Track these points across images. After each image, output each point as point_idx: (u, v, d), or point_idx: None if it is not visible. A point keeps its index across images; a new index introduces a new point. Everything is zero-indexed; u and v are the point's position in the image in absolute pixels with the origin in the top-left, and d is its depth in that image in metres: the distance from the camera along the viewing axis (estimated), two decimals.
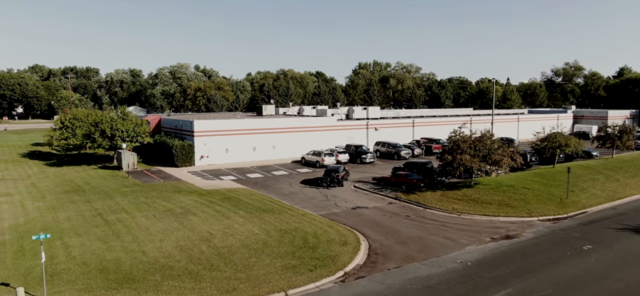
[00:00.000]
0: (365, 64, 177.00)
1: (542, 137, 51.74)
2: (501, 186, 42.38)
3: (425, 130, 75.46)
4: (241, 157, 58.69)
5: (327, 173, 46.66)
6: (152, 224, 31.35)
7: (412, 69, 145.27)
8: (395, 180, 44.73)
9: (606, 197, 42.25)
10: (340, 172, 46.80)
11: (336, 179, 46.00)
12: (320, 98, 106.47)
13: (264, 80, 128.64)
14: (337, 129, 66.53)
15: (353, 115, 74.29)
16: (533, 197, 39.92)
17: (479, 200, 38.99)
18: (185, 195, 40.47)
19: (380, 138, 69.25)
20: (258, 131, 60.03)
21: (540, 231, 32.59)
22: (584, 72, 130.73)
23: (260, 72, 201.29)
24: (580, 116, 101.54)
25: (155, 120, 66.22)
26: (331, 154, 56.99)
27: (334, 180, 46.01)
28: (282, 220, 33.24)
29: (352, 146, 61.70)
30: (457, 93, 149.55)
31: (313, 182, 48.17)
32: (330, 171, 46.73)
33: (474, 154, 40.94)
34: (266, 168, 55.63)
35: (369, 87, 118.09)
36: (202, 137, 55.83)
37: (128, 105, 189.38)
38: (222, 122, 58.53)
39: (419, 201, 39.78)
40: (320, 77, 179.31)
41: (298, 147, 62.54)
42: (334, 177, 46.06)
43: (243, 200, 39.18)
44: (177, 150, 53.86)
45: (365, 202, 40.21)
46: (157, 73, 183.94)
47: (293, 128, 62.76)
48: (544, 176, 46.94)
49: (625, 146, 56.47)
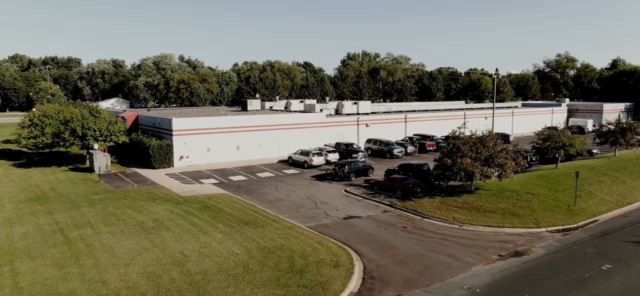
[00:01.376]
0: (354, 55, 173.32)
1: (544, 136, 48.77)
2: (504, 191, 39.32)
3: (418, 126, 72.31)
4: (224, 157, 55.00)
5: (339, 166, 47.51)
6: (118, 243, 27.67)
7: (403, 60, 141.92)
8: (389, 185, 41.45)
9: (615, 202, 39.43)
10: (351, 166, 47.43)
11: (342, 173, 46.76)
12: (308, 91, 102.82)
13: (250, 72, 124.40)
14: (326, 126, 63.06)
15: (343, 110, 70.86)
16: (539, 204, 36.91)
17: (482, 208, 35.86)
18: (160, 203, 36.77)
19: (371, 135, 65.93)
20: (242, 129, 56.32)
21: (552, 246, 29.53)
22: (576, 64, 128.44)
23: (247, 62, 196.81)
24: (574, 109, 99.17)
25: (132, 117, 62.12)
26: (320, 154, 53.56)
27: (340, 174, 46.85)
28: (266, 235, 29.77)
29: (343, 144, 58.30)
30: (448, 85, 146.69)
31: (324, 177, 48.55)
32: (342, 165, 47.52)
33: (475, 157, 37.76)
34: (250, 170, 52.03)
35: (359, 79, 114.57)
36: (181, 136, 52.00)
37: (110, 96, 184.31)
38: (204, 119, 54.71)
39: (416, 209, 36.55)
40: (308, 68, 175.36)
41: (285, 145, 58.99)
42: (341, 172, 46.79)
43: (224, 209, 35.60)
44: (154, 150, 49.99)
45: (358, 210, 36.89)
46: (140, 63, 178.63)
47: (279, 126, 59.15)
48: (548, 179, 43.98)
49: (628, 144, 53.77)
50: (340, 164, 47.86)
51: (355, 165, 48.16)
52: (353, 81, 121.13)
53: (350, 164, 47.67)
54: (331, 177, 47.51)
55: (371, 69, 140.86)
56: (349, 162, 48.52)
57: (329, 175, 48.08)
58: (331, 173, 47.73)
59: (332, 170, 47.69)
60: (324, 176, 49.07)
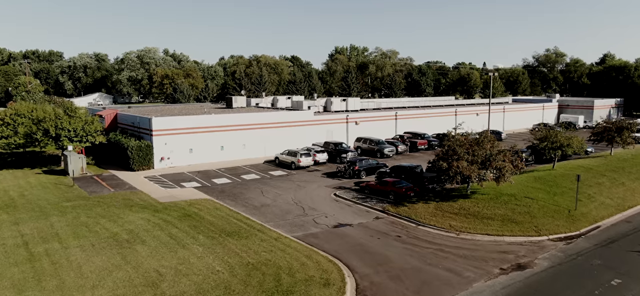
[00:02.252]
0: (342, 49, 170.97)
1: (540, 136, 47.04)
2: (502, 195, 37.45)
3: (408, 123, 70.37)
4: (207, 158, 52.49)
5: (350, 164, 47.13)
6: (87, 259, 25.21)
7: (391, 54, 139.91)
8: (381, 188, 39.37)
9: (616, 206, 37.80)
10: (357, 164, 46.78)
11: (351, 171, 46.31)
12: (296, 87, 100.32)
13: (235, 67, 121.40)
14: (314, 124, 60.81)
15: (331, 107, 68.63)
16: (538, 209, 35.11)
17: (479, 215, 33.95)
18: (137, 211, 34.27)
19: (361, 134, 63.81)
20: (226, 128, 53.83)
21: (555, 258, 27.68)
22: (565, 59, 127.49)
23: (234, 56, 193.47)
24: (565, 105, 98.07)
25: (111, 116, 59.24)
26: (308, 154, 51.32)
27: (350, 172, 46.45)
28: (250, 248, 27.51)
29: (331, 144, 56.11)
30: (437, 79, 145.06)
31: (333, 174, 48.17)
32: (353, 162, 47.12)
33: (471, 160, 35.81)
34: (235, 171, 49.61)
35: (347, 74, 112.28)
36: (162, 136, 49.38)
37: (93, 91, 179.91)
38: (186, 118, 52.10)
39: (410, 215, 34.52)
40: (295, 62, 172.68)
41: (271, 145, 56.64)
42: (351, 170, 46.37)
43: (205, 217, 33.23)
44: (132, 151, 47.33)
45: (349, 217, 34.76)
46: (123, 57, 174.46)
47: (266, 124, 56.76)
48: (545, 181, 42.27)
49: (625, 143, 52.31)
50: (350, 161, 47.71)
51: (366, 163, 47.61)
52: (341, 76, 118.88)
53: (360, 162, 47.32)
54: (342, 175, 47.26)
55: (360, 64, 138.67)
56: (360, 159, 48.37)
57: (340, 172, 47.79)
58: (342, 171, 47.45)
59: (343, 167, 47.48)
60: (334, 174, 48.82)
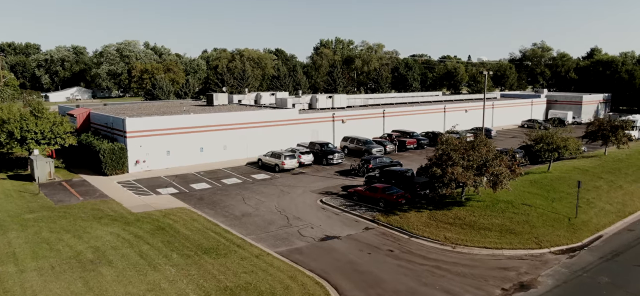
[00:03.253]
0: (327, 42, 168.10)
1: (536, 137, 45.06)
2: (498, 202, 35.37)
3: (396, 121, 68.14)
4: (186, 160, 49.61)
5: (364, 162, 46.42)
6: (44, 286, 22.41)
7: (377, 48, 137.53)
8: (370, 195, 37.00)
9: (616, 212, 35.99)
10: (372, 162, 45.94)
11: (366, 169, 45.40)
12: (280, 82, 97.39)
13: (217, 61, 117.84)
14: (299, 123, 58.21)
15: (317, 105, 66.06)
16: (537, 218, 33.10)
17: (475, 225, 31.79)
18: (106, 224, 31.42)
19: (348, 133, 61.39)
20: (206, 128, 50.95)
21: (559, 274, 25.64)
22: (552, 53, 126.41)
23: (217, 49, 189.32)
24: (553, 100, 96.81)
25: (83, 115, 55.89)
26: (293, 156, 48.75)
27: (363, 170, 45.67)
28: (229, 268, 24.95)
29: (317, 144, 53.58)
30: (423, 73, 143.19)
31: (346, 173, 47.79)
32: (367, 160, 46.50)
33: (466, 166, 33.60)
34: (215, 175, 46.84)
35: (333, 68, 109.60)
36: (136, 138, 46.35)
37: (71, 86, 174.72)
38: (163, 119, 49.08)
39: (402, 225, 32.24)
40: (280, 55, 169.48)
41: (254, 145, 53.94)
42: (365, 168, 45.59)
43: (180, 231, 30.54)
44: (105, 155, 44.26)
45: (336, 228, 32.34)
46: (102, 51, 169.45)
47: (248, 124, 53.99)
48: (542, 185, 40.36)
49: (620, 142, 50.69)
50: (364, 160, 46.98)
51: (380, 161, 46.61)
52: (327, 71, 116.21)
53: (374, 160, 46.57)
54: (356, 173, 46.51)
55: (345, 58, 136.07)
56: (374, 157, 47.74)
57: (354, 170, 47.11)
58: (355, 169, 46.79)
59: (358, 165, 46.77)
60: (347, 172, 48.33)
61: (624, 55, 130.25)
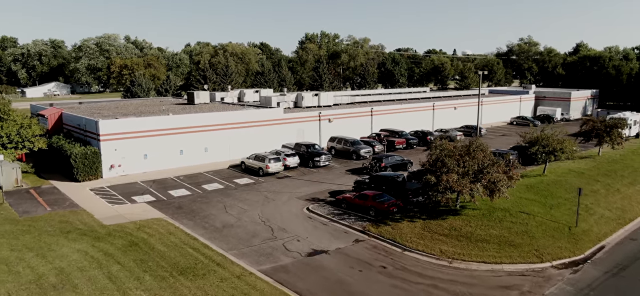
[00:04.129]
0: (312, 35, 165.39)
1: (531, 139, 43.30)
2: (495, 211, 33.56)
3: (385, 119, 66.15)
4: (164, 164, 46.98)
5: (377, 160, 46.45)
6: None
7: (363, 42, 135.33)
8: (360, 203, 34.87)
9: (616, 219, 34.45)
10: (384, 161, 46.15)
11: (378, 168, 45.52)
12: (265, 78, 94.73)
13: (199, 57, 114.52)
14: (284, 122, 55.86)
15: (302, 103, 63.71)
16: (536, 227, 31.35)
17: (472, 236, 29.90)
18: (74, 240, 28.83)
19: (335, 132, 59.21)
20: (186, 130, 48.35)
21: (565, 293, 23.88)
22: (539, 48, 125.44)
23: (200, 42, 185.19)
24: (542, 97, 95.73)
25: (55, 116, 52.80)
26: (278, 159, 46.43)
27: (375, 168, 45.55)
28: (207, 292, 22.69)
29: (303, 145, 51.29)
30: (410, 68, 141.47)
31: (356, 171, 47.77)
32: (379, 158, 46.58)
33: (462, 173, 31.65)
34: (196, 180, 44.33)
35: (319, 64, 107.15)
36: (111, 142, 43.60)
37: (49, 81, 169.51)
38: (139, 120, 46.31)
39: (395, 237, 30.21)
40: (265, 49, 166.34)
41: (237, 147, 51.49)
42: (378, 167, 45.61)
43: (155, 247, 28.11)
44: (77, 159, 41.46)
45: (324, 241, 30.20)
46: (81, 45, 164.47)
47: (231, 125, 51.48)
48: (538, 191, 38.70)
49: (615, 143, 49.32)
50: (377, 158, 47.09)
51: (392, 159, 46.69)
52: (313, 66, 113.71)
53: (386, 159, 46.60)
54: (368, 171, 46.04)
55: (331, 53, 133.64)
56: (386, 155, 47.95)
57: (366, 169, 47.08)
58: (368, 168, 46.64)
59: (370, 164, 46.74)
60: (360, 170, 47.99)
61: (608, 50, 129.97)
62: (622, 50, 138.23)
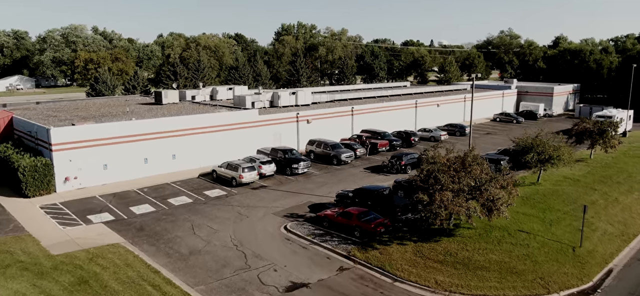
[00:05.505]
0: (289, 26, 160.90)
1: (525, 144, 40.40)
2: (491, 230, 30.56)
3: (366, 119, 62.80)
4: (127, 174, 42.70)
5: (396, 158, 46.94)
6: None
7: (341, 34, 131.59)
8: (344, 222, 31.42)
9: (620, 235, 31.91)
10: (404, 158, 46.60)
11: (399, 166, 46.33)
12: (239, 73, 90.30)
13: (170, 50, 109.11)
14: (259, 125, 51.98)
15: (279, 102, 59.84)
16: (538, 249, 28.45)
17: (470, 263, 26.77)
18: (13, 277, 24.66)
19: (313, 135, 55.63)
20: (152, 136, 44.10)
21: None
22: (520, 41, 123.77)
23: (173, 33, 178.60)
24: (524, 92, 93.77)
25: (4, 121, 47.75)
26: (252, 167, 42.62)
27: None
28: None
29: (280, 151, 47.53)
30: (389, 60, 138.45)
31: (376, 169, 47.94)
32: (399, 157, 47.06)
33: (457, 189, 28.47)
34: (161, 193, 40.23)
35: (296, 58, 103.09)
36: (65, 151, 39.12)
37: (11, 74, 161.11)
38: (98, 127, 41.77)
39: (384, 265, 26.89)
40: (240, 40, 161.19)
41: (208, 153, 47.49)
42: (398, 165, 46.38)
43: (109, 285, 24.17)
44: (25, 173, 36.91)
45: (304, 269, 26.69)
46: (45, 36, 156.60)
47: (201, 129, 47.36)
48: (535, 203, 35.95)
49: (609, 146, 47.00)
50: (397, 156, 47.43)
51: (411, 157, 46.97)
52: (289, 60, 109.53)
53: (406, 156, 47.15)
54: (388, 170, 46.81)
55: (309, 45, 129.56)
56: (405, 154, 48.18)
57: (385, 167, 47.59)
58: (388, 166, 47.23)
59: (389, 162, 47.30)
60: (380, 168, 48.39)
61: (585, 42, 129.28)
62: (599, 43, 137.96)
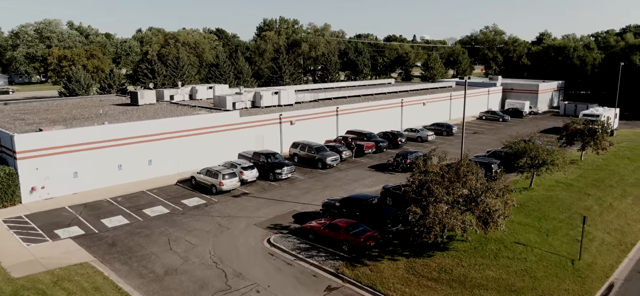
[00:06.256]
0: (270, 21, 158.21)
1: (517, 149, 38.94)
2: (487, 242, 29.05)
3: (351, 119, 61.05)
4: (99, 182, 40.22)
5: (402, 157, 47.23)
6: None
7: (324, 29, 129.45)
8: (331, 235, 29.53)
9: (618, 244, 30.64)
10: (409, 157, 46.74)
11: (404, 164, 46.42)
12: (220, 71, 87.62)
13: (148, 46, 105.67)
14: (240, 127, 49.80)
15: (261, 102, 57.72)
16: (536, 263, 26.99)
17: (467, 281, 25.12)
18: None
19: (298, 136, 53.68)
20: (126, 141, 41.62)
21: None
22: (504, 37, 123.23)
23: (152, 28, 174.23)
24: (509, 89, 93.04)
25: None
26: (233, 173, 40.43)
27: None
28: None
29: (262, 155, 45.42)
30: (373, 56, 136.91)
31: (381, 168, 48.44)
32: (404, 155, 47.27)
33: (452, 201, 26.79)
34: (136, 202, 37.83)
35: (278, 54, 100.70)
36: (31, 159, 36.47)
37: None
38: (67, 132, 39.07)
39: (375, 284, 25.10)
40: (221, 35, 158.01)
41: (187, 158, 45.25)
42: (404, 163, 46.49)
43: None
44: None
45: (289, 289, 24.77)
46: (18, 31, 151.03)
47: (179, 132, 45.00)
48: (529, 211, 34.59)
49: (601, 148, 45.96)
50: (402, 154, 47.64)
51: (416, 156, 45.73)
52: (272, 57, 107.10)
53: (411, 154, 47.16)
54: (393, 169, 47.11)
55: (291, 42, 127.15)
56: (410, 152, 48.24)
57: (391, 165, 47.88)
58: (393, 164, 47.51)
59: (394, 161, 47.57)
60: (385, 166, 48.78)
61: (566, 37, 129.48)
62: (580, 38, 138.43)
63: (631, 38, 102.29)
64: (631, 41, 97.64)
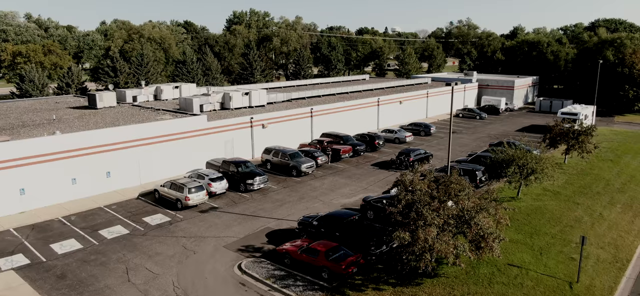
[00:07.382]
0: (240, 13, 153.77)
1: (503, 158, 36.79)
2: (479, 266, 26.75)
3: (326, 120, 58.26)
4: (50, 198, 36.31)
5: (404, 155, 47.39)
6: None
7: (296, 24, 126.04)
8: (309, 261, 26.73)
9: (613, 261, 28.82)
10: (412, 155, 47.13)
11: (407, 162, 46.37)
12: (187, 68, 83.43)
13: (110, 42, 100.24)
14: (208, 133, 46.38)
15: (231, 104, 54.33)
16: (533, 288, 24.85)
17: None
18: None
19: (270, 139, 50.66)
20: (81, 152, 37.75)
21: None
22: (478, 32, 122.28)
23: (117, 20, 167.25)
24: (485, 85, 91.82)
25: None
26: (200, 186, 37.01)
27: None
28: None
29: (232, 164, 42.14)
30: (346, 50, 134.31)
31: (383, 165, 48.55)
32: (407, 153, 47.50)
33: (442, 224, 24.26)
34: (92, 222, 34.13)
35: (249, 50, 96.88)
36: None
37: None
38: (11, 145, 34.84)
39: None
40: (189, 28, 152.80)
41: (149, 167, 41.69)
42: (407, 161, 46.52)
43: None
44: None
45: None
46: None
47: (141, 140, 41.31)
48: (518, 225, 32.64)
49: (586, 151, 44.42)
50: (404, 152, 47.84)
51: (418, 153, 48.00)
52: (242, 52, 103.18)
53: (414, 153, 47.69)
54: (397, 167, 47.09)
55: (262, 36, 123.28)
56: (413, 150, 48.34)
57: (394, 163, 48.18)
58: (396, 163, 47.77)
59: (397, 159, 47.66)
60: (388, 164, 49.05)
61: (537, 31, 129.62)
62: (550, 32, 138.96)
63: (604, 33, 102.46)
64: (604, 36, 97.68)
